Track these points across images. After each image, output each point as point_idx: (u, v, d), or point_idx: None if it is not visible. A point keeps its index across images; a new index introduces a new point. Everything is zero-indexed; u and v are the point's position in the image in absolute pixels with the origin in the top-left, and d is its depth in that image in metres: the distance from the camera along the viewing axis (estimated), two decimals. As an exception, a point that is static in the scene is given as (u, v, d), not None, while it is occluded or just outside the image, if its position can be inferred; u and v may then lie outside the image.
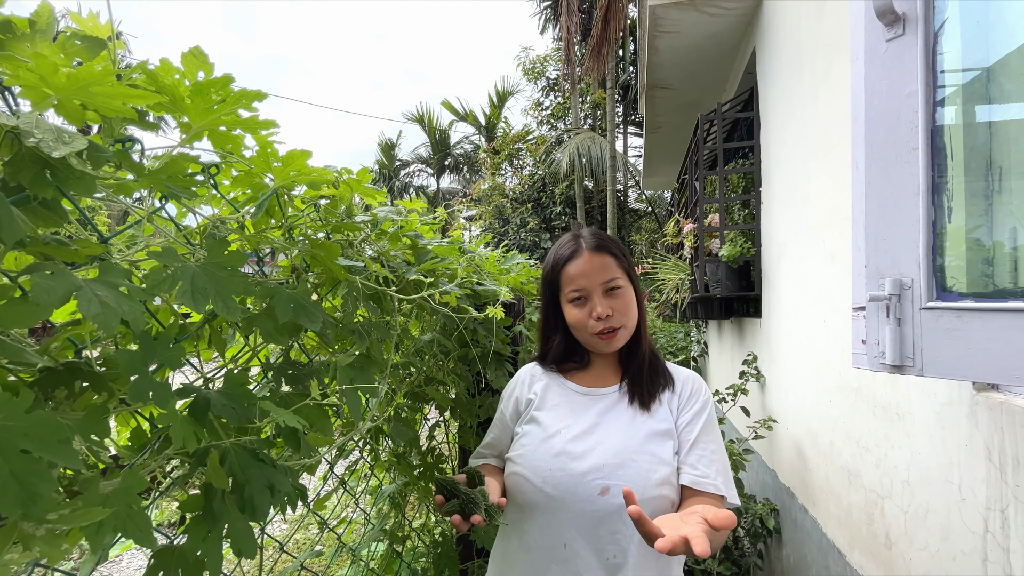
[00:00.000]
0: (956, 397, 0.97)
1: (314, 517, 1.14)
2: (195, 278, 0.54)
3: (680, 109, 4.06)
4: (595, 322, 0.95)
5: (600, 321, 0.94)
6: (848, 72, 1.48)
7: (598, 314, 0.94)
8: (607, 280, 0.96)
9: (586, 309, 0.96)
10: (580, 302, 0.97)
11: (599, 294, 0.96)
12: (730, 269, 2.64)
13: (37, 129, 0.36)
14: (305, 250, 0.77)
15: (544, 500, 0.86)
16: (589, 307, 0.96)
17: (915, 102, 0.67)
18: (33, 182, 0.39)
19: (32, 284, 0.39)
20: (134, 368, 0.47)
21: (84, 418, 0.44)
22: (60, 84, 0.41)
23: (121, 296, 0.46)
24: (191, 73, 0.57)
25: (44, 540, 0.34)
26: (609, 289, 0.96)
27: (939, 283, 0.64)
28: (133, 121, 0.56)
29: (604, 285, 0.96)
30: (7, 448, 0.34)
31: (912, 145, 0.66)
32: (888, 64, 0.69)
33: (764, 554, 2.32)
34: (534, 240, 10.90)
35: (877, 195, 0.70)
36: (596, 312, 0.94)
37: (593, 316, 0.95)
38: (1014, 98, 0.69)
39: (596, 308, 0.94)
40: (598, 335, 0.95)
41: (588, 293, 0.96)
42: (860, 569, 1.38)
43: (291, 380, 0.69)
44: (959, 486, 0.96)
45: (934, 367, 0.63)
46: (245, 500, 0.55)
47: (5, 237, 0.38)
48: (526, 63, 13.63)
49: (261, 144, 0.69)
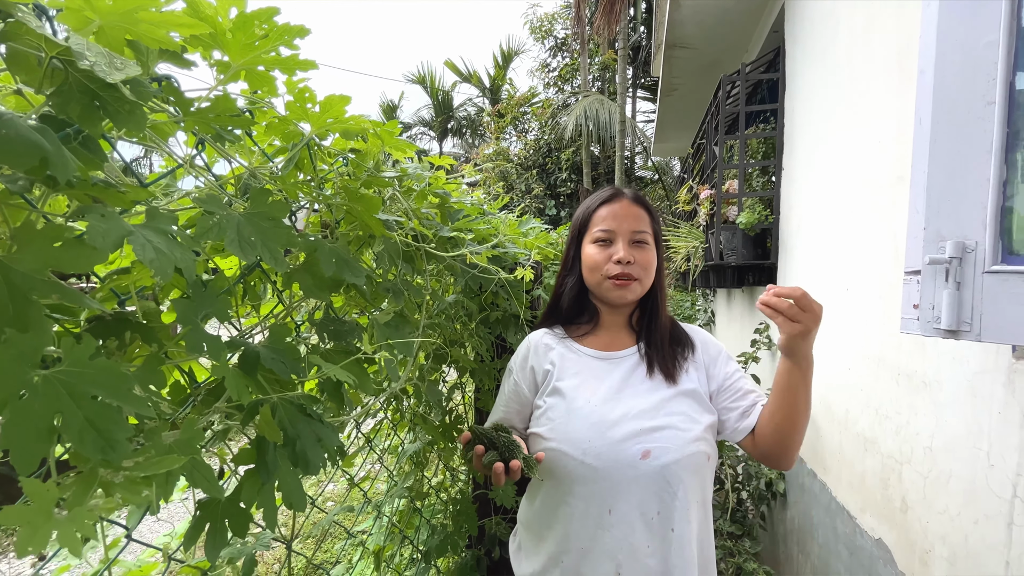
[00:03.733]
0: (991, 365, 0.96)
1: (341, 473, 1.16)
2: (240, 227, 0.52)
3: (699, 71, 3.92)
4: (614, 265, 0.93)
5: (619, 265, 0.93)
6: (890, 28, 1.40)
7: (619, 257, 0.93)
8: (637, 230, 0.95)
9: (607, 252, 0.95)
10: (603, 244, 0.96)
11: (625, 240, 0.94)
12: (746, 237, 2.60)
13: (89, 51, 0.33)
14: (341, 203, 0.74)
15: (586, 471, 0.85)
16: (611, 251, 0.95)
17: (995, 53, 0.63)
18: (82, 115, 0.36)
19: (88, 227, 0.37)
20: (189, 318, 0.45)
21: (142, 367, 0.42)
22: (105, 7, 0.37)
23: (172, 243, 0.44)
24: (223, 9, 0.53)
25: (123, 487, 0.34)
26: (636, 241, 0.95)
27: (1006, 246, 0.62)
28: (168, 57, 0.52)
29: (632, 234, 0.95)
30: (78, 394, 0.33)
31: (988, 99, 0.62)
32: (968, 11, 0.64)
33: (767, 516, 2.39)
34: (539, 207, 10.76)
35: (944, 154, 0.66)
36: (618, 255, 0.93)
37: (613, 259, 0.93)
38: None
39: (619, 252, 0.93)
40: (613, 279, 0.93)
41: (614, 236, 0.95)
42: (871, 531, 1.42)
43: (333, 335, 0.68)
44: (988, 452, 0.97)
45: (994, 332, 0.62)
46: (297, 454, 0.55)
47: (58, 174, 0.35)
48: (533, 21, 13.08)
49: (292, 89, 0.65)
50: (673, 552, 0.84)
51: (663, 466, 0.83)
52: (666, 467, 0.83)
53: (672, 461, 0.84)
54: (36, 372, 0.31)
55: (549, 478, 0.90)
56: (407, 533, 1.43)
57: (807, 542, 1.90)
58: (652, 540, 0.84)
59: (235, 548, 0.75)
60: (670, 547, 0.84)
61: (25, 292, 0.35)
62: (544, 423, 0.93)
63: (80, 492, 0.32)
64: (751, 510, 2.30)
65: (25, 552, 0.28)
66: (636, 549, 0.84)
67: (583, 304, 1.02)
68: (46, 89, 0.39)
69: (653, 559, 0.84)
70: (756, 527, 2.24)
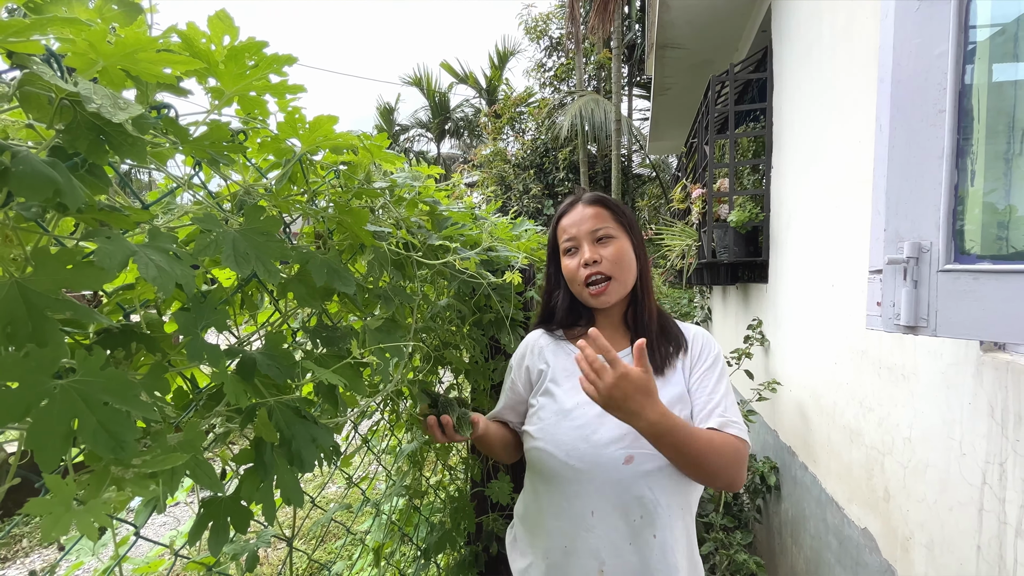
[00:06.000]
0: (962, 357, 1.00)
1: (340, 473, 1.20)
2: (236, 243, 0.56)
3: (691, 70, 3.95)
4: (582, 269, 0.95)
5: (587, 268, 0.94)
6: (869, 28, 1.44)
7: (585, 259, 0.94)
8: (596, 228, 0.96)
9: (576, 259, 0.97)
10: (572, 253, 0.98)
11: (588, 242, 0.96)
12: (738, 235, 2.63)
13: (96, 95, 0.37)
14: (332, 216, 0.78)
15: (569, 473, 0.88)
16: (579, 256, 0.96)
17: (945, 63, 0.66)
18: (90, 149, 0.40)
19: (96, 249, 0.41)
20: (189, 329, 0.49)
21: (147, 375, 0.46)
22: (108, 51, 0.41)
23: (173, 260, 0.47)
24: (217, 37, 0.57)
25: (133, 482, 0.38)
26: (599, 239, 0.96)
27: (957, 246, 0.66)
28: (165, 87, 0.56)
29: (592, 233, 0.96)
30: (91, 401, 0.37)
31: (939, 107, 0.66)
32: (920, 23, 0.68)
33: (763, 509, 2.42)
34: (537, 207, 10.79)
35: (900, 158, 0.70)
36: (584, 258, 0.94)
37: (581, 263, 0.95)
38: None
39: (585, 254, 0.95)
40: (586, 285, 0.95)
41: (579, 242, 0.97)
42: (857, 521, 1.45)
43: (326, 342, 0.72)
44: (960, 442, 1.00)
45: (948, 328, 0.65)
46: (293, 453, 0.59)
47: (69, 203, 0.39)
48: (528, 21, 13.11)
49: (285, 109, 0.69)
50: (655, 556, 0.86)
51: (646, 473, 0.86)
52: (649, 474, 0.86)
53: (655, 468, 0.86)
54: (55, 382, 0.35)
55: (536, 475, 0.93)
56: (406, 531, 1.47)
57: (800, 533, 1.94)
58: (635, 542, 0.86)
59: (238, 544, 0.79)
60: (652, 552, 0.86)
61: (41, 310, 0.39)
62: (535, 423, 0.96)
63: (95, 487, 0.36)
64: (747, 503, 2.34)
65: (49, 537, 0.32)
66: (619, 550, 0.86)
67: (577, 311, 1.04)
68: (56, 124, 0.43)
69: (636, 561, 0.86)
70: (751, 520, 2.28)
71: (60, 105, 0.40)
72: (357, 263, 0.94)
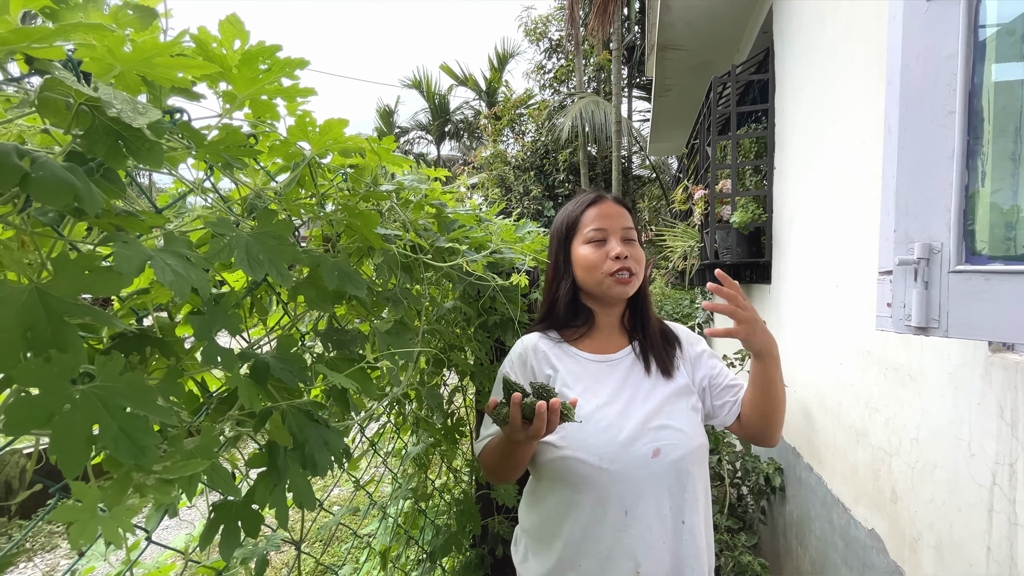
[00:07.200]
0: (971, 358, 1.00)
1: (347, 476, 1.20)
2: (249, 246, 0.56)
3: (691, 71, 3.96)
4: (612, 261, 0.96)
5: (618, 260, 0.96)
6: (871, 28, 1.44)
7: (617, 253, 0.96)
8: (627, 227, 1.00)
9: (603, 250, 0.97)
10: (598, 244, 0.98)
11: (618, 238, 0.98)
12: (740, 235, 2.63)
13: (116, 100, 0.37)
14: (342, 219, 0.78)
15: (604, 477, 0.87)
16: (607, 248, 0.97)
17: (954, 64, 0.66)
18: (108, 154, 0.40)
19: (114, 254, 0.41)
20: (204, 333, 0.49)
21: (163, 380, 0.46)
22: (125, 56, 0.41)
23: (188, 264, 0.47)
24: (228, 41, 0.57)
25: (155, 488, 0.38)
26: (627, 238, 1.00)
27: (968, 247, 0.66)
28: (178, 91, 0.56)
29: (624, 231, 0.99)
30: (112, 406, 0.37)
31: (949, 108, 0.66)
32: (928, 25, 0.68)
33: (767, 510, 2.42)
34: (537, 208, 10.79)
35: (910, 160, 0.70)
36: (616, 251, 0.96)
37: (611, 255, 0.96)
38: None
39: (616, 248, 0.96)
40: (614, 276, 0.96)
41: (608, 235, 0.98)
42: (864, 522, 1.45)
43: (337, 345, 0.72)
44: (968, 442, 1.00)
45: (959, 328, 0.65)
46: (306, 457, 0.59)
47: (88, 208, 0.39)
48: (528, 23, 13.14)
49: (293, 113, 0.69)
50: (685, 542, 0.89)
51: (673, 462, 0.88)
52: (676, 462, 0.88)
53: (681, 456, 0.89)
54: (76, 387, 0.35)
55: (559, 485, 0.91)
56: (412, 534, 1.47)
57: (805, 535, 1.93)
58: (666, 534, 0.88)
59: (248, 549, 0.79)
60: (682, 538, 0.89)
61: (61, 315, 0.39)
62: (556, 431, 0.90)
63: (118, 493, 0.36)
64: (751, 505, 2.33)
65: (77, 544, 0.31)
66: (653, 546, 0.87)
67: (577, 307, 1.03)
68: (74, 130, 0.43)
69: (667, 552, 0.88)
70: (756, 521, 2.28)
71: (78, 110, 0.40)
72: (364, 266, 0.95)
